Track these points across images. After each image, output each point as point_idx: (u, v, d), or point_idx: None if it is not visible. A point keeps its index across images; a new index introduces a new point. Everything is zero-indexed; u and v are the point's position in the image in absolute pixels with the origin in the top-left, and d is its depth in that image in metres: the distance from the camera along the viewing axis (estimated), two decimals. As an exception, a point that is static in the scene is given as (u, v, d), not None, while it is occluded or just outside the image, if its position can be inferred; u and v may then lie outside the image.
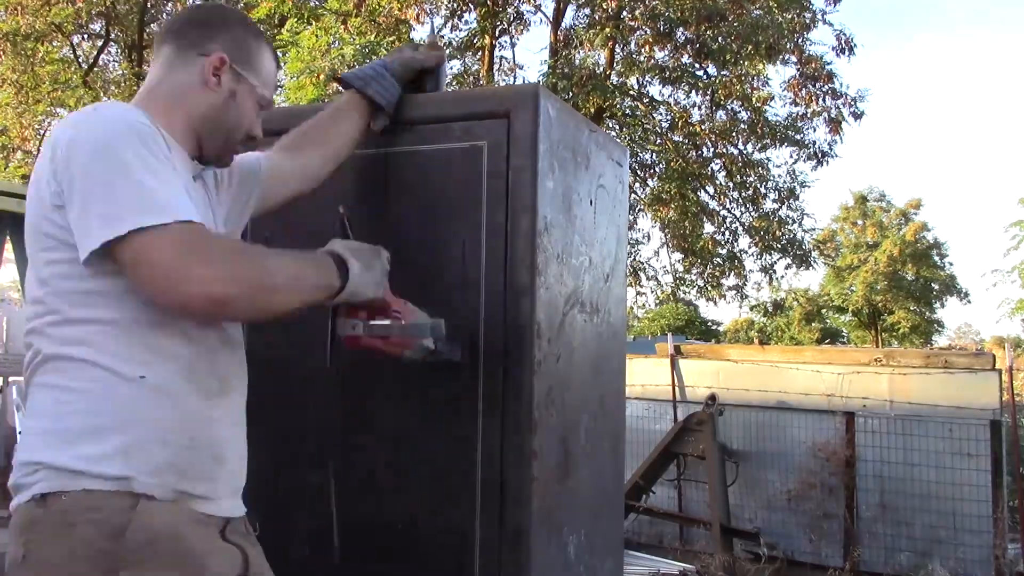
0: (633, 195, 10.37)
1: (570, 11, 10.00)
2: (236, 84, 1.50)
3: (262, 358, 1.89)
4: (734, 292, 11.64)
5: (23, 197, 2.33)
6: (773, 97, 10.06)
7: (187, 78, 1.47)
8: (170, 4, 13.32)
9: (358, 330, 1.49)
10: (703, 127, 9.89)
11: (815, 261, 11.92)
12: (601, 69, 9.40)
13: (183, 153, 1.45)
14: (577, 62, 9.40)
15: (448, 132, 1.80)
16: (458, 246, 1.76)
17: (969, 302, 37.95)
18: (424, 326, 1.52)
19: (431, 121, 1.84)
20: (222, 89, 1.48)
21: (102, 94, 11.54)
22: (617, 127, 10.24)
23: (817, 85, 9.62)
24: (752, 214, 10.85)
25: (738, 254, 11.10)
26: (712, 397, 7.03)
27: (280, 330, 1.89)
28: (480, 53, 9.80)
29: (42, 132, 11.72)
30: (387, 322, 1.49)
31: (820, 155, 10.13)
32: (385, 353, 1.55)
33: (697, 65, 9.71)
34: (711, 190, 10.76)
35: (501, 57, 10.11)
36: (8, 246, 5.99)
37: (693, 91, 9.98)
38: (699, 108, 10.18)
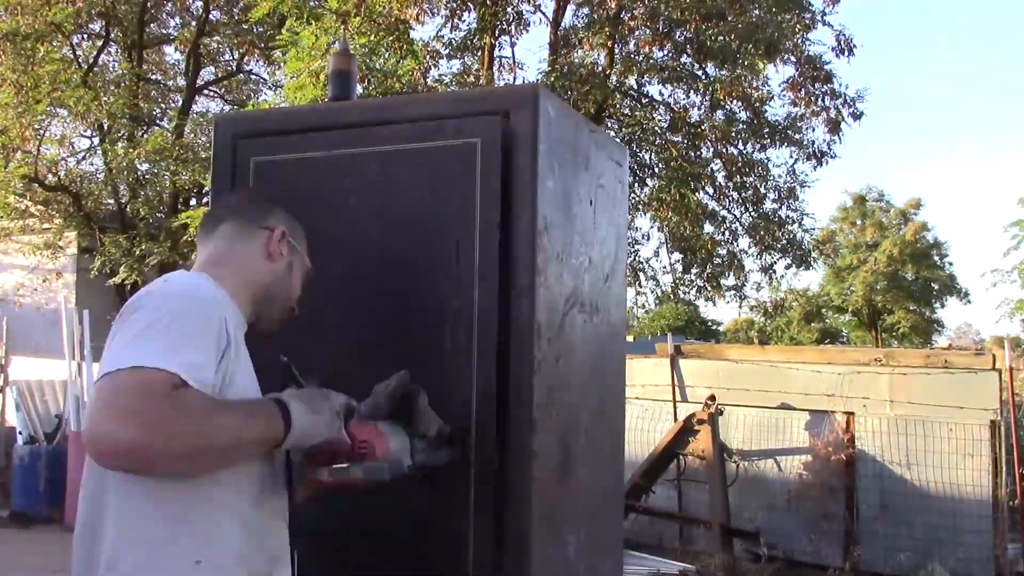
0: (633, 195, 10.36)
1: (570, 11, 10.00)
2: (292, 256, 1.62)
3: (263, 360, 1.89)
4: (733, 292, 11.63)
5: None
6: (773, 97, 10.06)
7: (250, 250, 1.57)
8: (170, 4, 13.32)
9: (321, 475, 1.47)
10: (703, 127, 9.87)
11: (815, 261, 11.90)
12: (601, 68, 9.39)
13: (240, 318, 1.52)
14: (577, 61, 9.39)
15: (445, 131, 1.80)
16: (453, 244, 1.76)
17: (969, 302, 37.96)
18: (382, 467, 1.47)
19: (429, 120, 1.84)
20: (284, 260, 1.60)
21: (102, 94, 11.52)
22: (617, 127, 10.23)
23: (816, 85, 9.61)
24: (752, 214, 10.84)
25: (738, 254, 11.09)
26: (712, 397, 7.02)
27: (282, 329, 1.89)
28: (480, 53, 9.78)
29: (42, 132, 11.70)
30: (345, 465, 1.45)
31: (819, 155, 10.12)
32: (355, 488, 1.51)
33: (696, 65, 9.70)
34: (711, 190, 10.74)
35: (501, 57, 10.11)
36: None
37: (692, 91, 9.97)
38: (699, 108, 10.17)
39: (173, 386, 1.25)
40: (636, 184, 10.54)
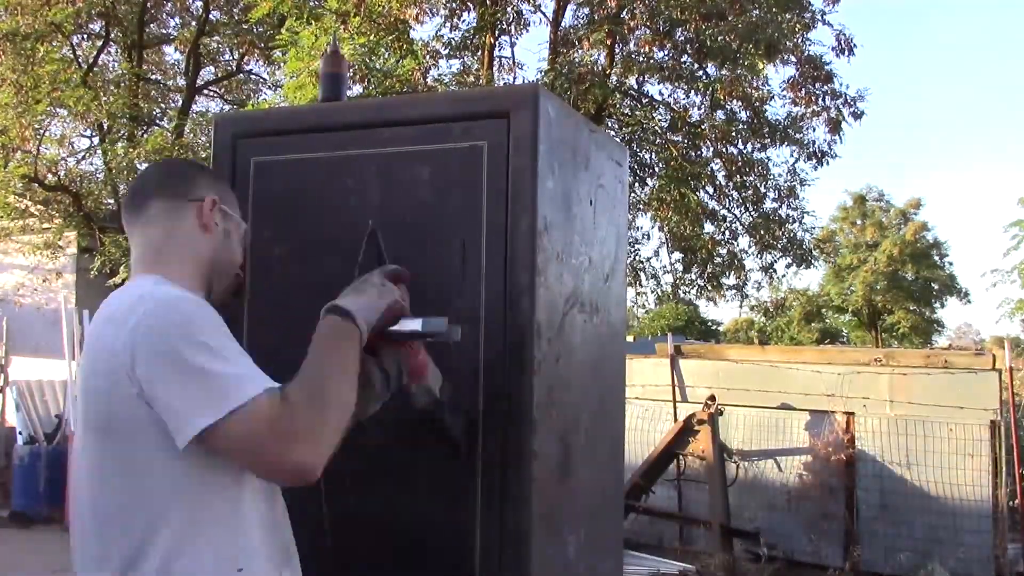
0: (633, 195, 10.36)
1: (570, 10, 10.01)
2: (227, 222, 1.58)
3: (266, 358, 1.89)
4: (734, 292, 11.64)
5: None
6: (773, 97, 10.07)
7: (186, 227, 1.53)
8: (170, 4, 13.33)
9: (390, 335, 1.53)
10: (703, 127, 9.88)
11: (815, 260, 11.91)
12: (601, 68, 9.40)
13: None
14: (577, 60, 9.40)
15: (448, 132, 1.80)
16: (458, 246, 1.76)
17: (969, 302, 37.97)
18: (442, 328, 1.57)
19: (431, 121, 1.84)
20: (219, 229, 1.56)
21: (102, 94, 11.52)
22: (617, 127, 10.24)
23: (816, 85, 9.62)
24: (752, 214, 10.85)
25: (738, 254, 11.10)
26: (712, 397, 7.03)
27: (282, 331, 1.89)
28: (479, 53, 9.79)
29: (42, 132, 11.70)
30: (410, 320, 1.56)
31: (820, 155, 10.13)
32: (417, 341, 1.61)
33: (696, 65, 9.71)
34: (711, 190, 10.75)
35: (501, 57, 10.11)
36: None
37: (692, 91, 9.99)
38: (699, 108, 10.18)
39: (271, 400, 1.32)
40: (636, 184, 10.55)
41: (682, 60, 9.75)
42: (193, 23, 12.99)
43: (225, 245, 1.57)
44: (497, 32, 9.61)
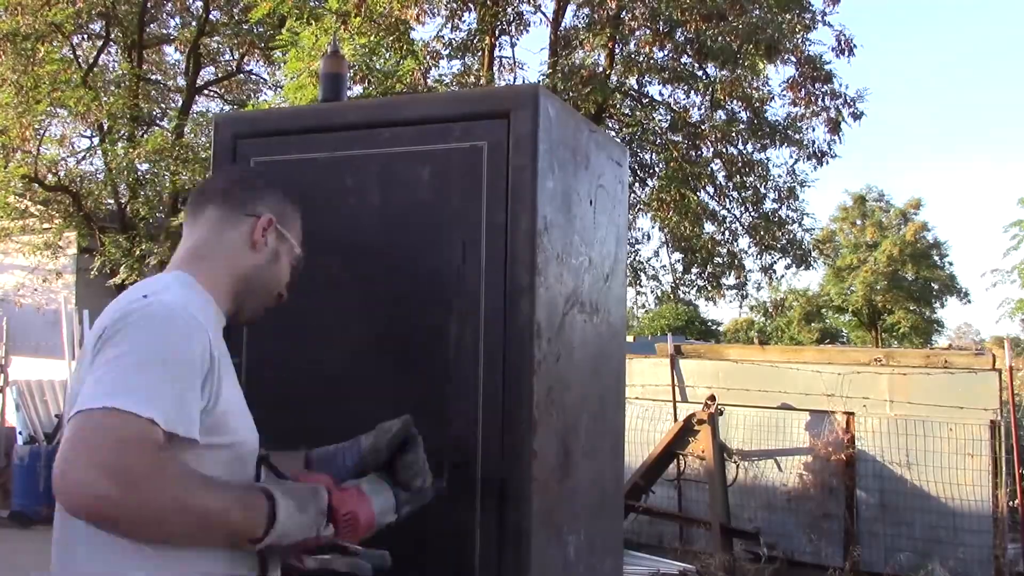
0: (633, 195, 10.36)
1: (570, 11, 10.01)
2: (279, 244, 1.55)
3: (264, 360, 1.89)
4: (734, 292, 11.64)
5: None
6: (773, 97, 10.07)
7: (234, 237, 1.51)
8: (170, 4, 13.32)
9: (305, 563, 1.41)
10: (703, 127, 9.88)
11: (815, 261, 11.91)
12: (601, 69, 9.40)
13: (219, 317, 1.47)
14: (577, 61, 9.40)
15: (448, 132, 1.80)
16: (458, 246, 1.76)
17: (969, 302, 37.96)
18: (365, 567, 1.43)
19: (431, 121, 1.84)
20: (268, 249, 1.52)
21: (102, 94, 11.52)
22: (617, 127, 10.24)
23: (816, 85, 9.61)
24: (752, 214, 10.85)
25: (738, 254, 11.10)
26: (712, 397, 7.03)
27: (282, 330, 1.89)
28: (480, 53, 9.79)
29: (42, 132, 11.70)
30: (327, 556, 1.41)
31: (819, 155, 10.13)
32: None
33: (697, 65, 9.71)
34: (711, 190, 10.74)
35: (501, 57, 10.11)
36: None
37: (692, 91, 9.99)
38: (699, 108, 10.18)
39: (154, 441, 1.18)
40: (636, 184, 10.55)
41: (682, 60, 9.74)
42: (193, 23, 12.98)
43: (269, 267, 1.53)
44: (497, 32, 9.60)
